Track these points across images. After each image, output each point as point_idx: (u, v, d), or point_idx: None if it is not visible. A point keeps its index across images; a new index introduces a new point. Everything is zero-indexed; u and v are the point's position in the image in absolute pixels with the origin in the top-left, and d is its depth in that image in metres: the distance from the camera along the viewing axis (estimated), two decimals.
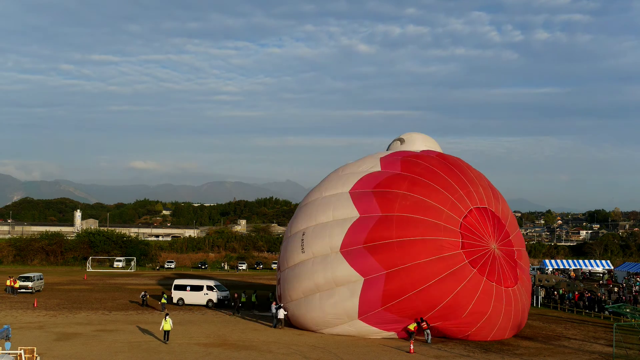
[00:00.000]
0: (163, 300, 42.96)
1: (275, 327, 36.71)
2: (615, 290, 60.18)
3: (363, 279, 32.34)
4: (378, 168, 36.33)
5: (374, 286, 32.04)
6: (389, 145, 42.59)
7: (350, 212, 34.27)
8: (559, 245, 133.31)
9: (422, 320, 32.31)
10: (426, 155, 37.19)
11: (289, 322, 36.56)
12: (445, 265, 31.67)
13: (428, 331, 32.56)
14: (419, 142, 40.96)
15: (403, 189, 33.81)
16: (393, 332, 33.30)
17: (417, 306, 31.84)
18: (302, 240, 35.32)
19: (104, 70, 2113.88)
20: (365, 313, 32.59)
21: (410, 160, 36.18)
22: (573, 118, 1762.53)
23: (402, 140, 41.80)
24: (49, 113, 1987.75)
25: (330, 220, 34.75)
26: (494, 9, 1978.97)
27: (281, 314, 36.09)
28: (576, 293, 52.69)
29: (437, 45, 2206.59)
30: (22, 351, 23.47)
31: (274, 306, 37.89)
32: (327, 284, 33.42)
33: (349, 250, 33.06)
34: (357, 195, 34.92)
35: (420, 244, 31.97)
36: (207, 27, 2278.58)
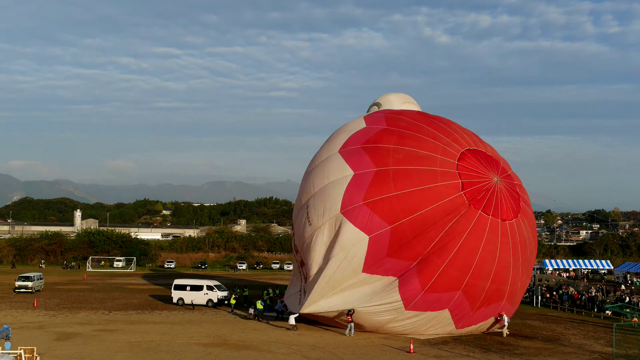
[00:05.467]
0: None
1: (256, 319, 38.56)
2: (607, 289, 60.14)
3: (368, 237, 32.18)
4: (363, 125, 36.59)
5: (380, 242, 31.99)
6: (367, 110, 42.22)
7: (343, 171, 34.14)
8: (559, 245, 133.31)
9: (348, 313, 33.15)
10: (407, 111, 38.05)
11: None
12: (446, 210, 31.75)
13: (352, 324, 33.31)
14: (396, 103, 40.81)
15: (393, 143, 33.95)
16: (392, 277, 32.48)
17: (415, 247, 31.88)
18: (307, 213, 35.23)
19: (163, 64, 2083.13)
20: (369, 267, 32.46)
21: (394, 116, 36.70)
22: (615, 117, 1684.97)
23: (378, 105, 41.34)
24: (93, 110, 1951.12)
25: (326, 184, 34.56)
26: None
27: (292, 320, 35.56)
28: (575, 293, 52.67)
29: (524, 37, 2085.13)
30: (22, 351, 23.48)
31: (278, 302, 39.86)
32: (335, 251, 32.80)
33: (349, 210, 32.84)
34: (348, 152, 34.92)
35: (420, 194, 31.99)
36: (288, 17, 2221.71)
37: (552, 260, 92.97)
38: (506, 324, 35.32)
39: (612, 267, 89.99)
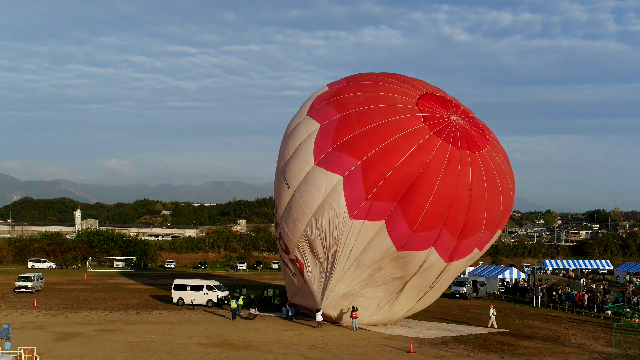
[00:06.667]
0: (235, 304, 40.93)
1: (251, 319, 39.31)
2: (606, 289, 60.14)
3: (341, 177, 32.75)
4: (326, 89, 38.11)
5: (354, 180, 32.54)
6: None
7: (311, 127, 35.23)
8: (559, 245, 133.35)
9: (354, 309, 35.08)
10: (367, 73, 39.66)
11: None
12: (412, 140, 32.36)
13: (356, 320, 35.22)
14: None
15: (353, 92, 35.36)
16: (381, 221, 32.87)
17: (395, 185, 32.25)
18: (284, 177, 35.91)
19: (176, 63, 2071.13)
20: (354, 210, 32.80)
21: (354, 75, 38.81)
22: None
23: None
24: (101, 110, 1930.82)
25: (298, 145, 35.46)
26: None
27: (319, 317, 36.12)
28: (576, 293, 52.64)
29: (544, 36, 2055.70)
30: (22, 351, 23.49)
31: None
32: (315, 202, 33.55)
33: (322, 159, 33.60)
34: (314, 112, 36.25)
35: (384, 127, 32.82)
36: (307, 15, 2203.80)
37: (552, 260, 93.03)
38: (493, 315, 36.53)
39: (612, 267, 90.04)
